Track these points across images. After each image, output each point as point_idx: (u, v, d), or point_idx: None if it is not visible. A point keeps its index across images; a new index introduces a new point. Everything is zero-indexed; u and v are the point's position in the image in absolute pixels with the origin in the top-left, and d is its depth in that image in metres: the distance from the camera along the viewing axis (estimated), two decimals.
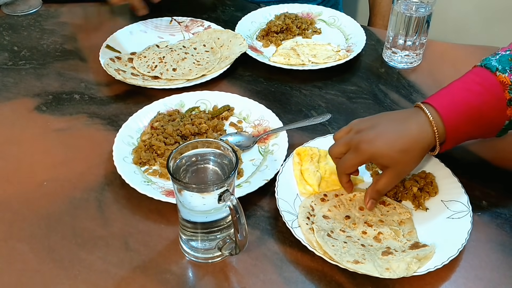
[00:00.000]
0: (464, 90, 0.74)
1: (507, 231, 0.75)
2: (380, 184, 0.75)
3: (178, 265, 0.71)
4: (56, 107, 0.98)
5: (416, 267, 0.67)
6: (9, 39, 1.17)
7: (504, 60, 0.75)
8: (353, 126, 0.76)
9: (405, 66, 1.09)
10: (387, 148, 0.72)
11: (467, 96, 0.73)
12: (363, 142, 0.72)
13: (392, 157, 0.72)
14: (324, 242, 0.69)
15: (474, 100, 0.73)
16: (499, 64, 0.74)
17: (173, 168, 0.66)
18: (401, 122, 0.74)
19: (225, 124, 0.93)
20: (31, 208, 0.78)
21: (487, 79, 0.74)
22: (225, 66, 1.05)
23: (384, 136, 0.72)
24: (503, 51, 0.76)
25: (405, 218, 0.76)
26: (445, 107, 0.73)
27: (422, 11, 1.02)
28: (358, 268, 0.66)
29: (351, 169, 0.75)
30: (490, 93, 0.73)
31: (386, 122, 0.75)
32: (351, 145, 0.74)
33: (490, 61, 0.75)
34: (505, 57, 0.75)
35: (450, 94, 0.75)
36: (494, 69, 0.74)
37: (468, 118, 0.73)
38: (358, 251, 0.69)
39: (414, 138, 0.72)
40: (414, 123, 0.73)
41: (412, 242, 0.72)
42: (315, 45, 1.13)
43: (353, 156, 0.73)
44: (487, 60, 0.76)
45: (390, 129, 0.73)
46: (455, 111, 0.73)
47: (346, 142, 0.74)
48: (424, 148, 0.74)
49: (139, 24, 1.18)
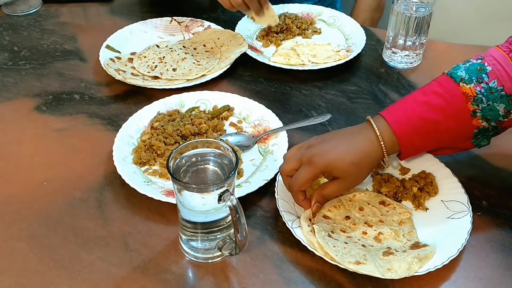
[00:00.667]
0: (423, 103, 0.73)
1: (507, 231, 0.75)
2: (327, 191, 0.74)
3: (178, 265, 0.71)
4: (56, 107, 0.98)
5: (417, 267, 0.67)
6: (9, 39, 1.17)
7: (473, 69, 0.73)
8: (303, 144, 0.75)
9: (405, 66, 1.09)
10: (339, 160, 0.72)
11: (425, 110, 0.73)
12: (315, 155, 0.71)
13: (344, 169, 0.72)
14: (325, 243, 0.69)
15: (431, 113, 0.73)
16: (466, 73, 0.73)
17: (173, 168, 0.66)
18: (351, 136, 0.74)
19: (225, 124, 0.93)
20: (31, 208, 0.78)
21: (449, 89, 0.73)
22: (225, 66, 1.05)
23: (336, 149, 0.72)
24: (475, 59, 0.75)
25: (405, 218, 0.76)
26: (397, 121, 0.73)
27: (422, 11, 1.02)
28: (359, 268, 0.66)
29: (306, 184, 0.73)
30: (451, 106, 0.73)
31: (337, 137, 0.75)
32: (302, 160, 0.72)
33: (457, 70, 0.74)
34: (474, 65, 0.74)
35: (406, 107, 0.74)
36: (458, 79, 0.73)
37: (424, 132, 0.73)
38: (359, 251, 0.69)
39: (363, 151, 0.73)
40: (362, 137, 0.74)
41: (412, 242, 0.72)
42: (315, 45, 1.13)
43: (306, 170, 0.72)
44: (455, 68, 0.75)
45: (341, 142, 0.73)
46: (408, 125, 0.73)
47: (298, 158, 0.73)
48: (373, 161, 0.74)
49: (139, 24, 1.18)
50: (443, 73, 0.77)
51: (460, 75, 0.73)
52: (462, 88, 0.72)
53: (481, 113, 0.72)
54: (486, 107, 0.72)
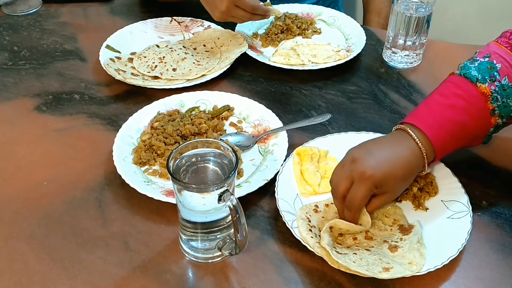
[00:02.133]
0: (448, 106, 0.74)
1: (507, 231, 0.75)
2: (373, 206, 0.73)
3: (178, 265, 0.71)
4: (56, 107, 0.98)
5: (424, 250, 0.69)
6: (9, 39, 1.17)
7: (484, 69, 0.75)
8: (345, 160, 0.72)
9: (405, 66, 1.09)
10: (391, 176, 0.70)
11: (452, 113, 0.73)
12: (367, 170, 0.69)
13: (395, 184, 0.72)
14: (344, 261, 0.66)
15: (458, 116, 0.73)
16: (478, 73, 0.74)
17: (173, 168, 0.66)
18: (393, 149, 0.73)
19: (225, 124, 0.93)
20: (31, 208, 0.78)
21: (469, 91, 0.74)
22: (225, 66, 1.05)
23: (385, 163, 0.70)
24: (481, 57, 0.76)
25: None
26: (431, 128, 0.73)
27: (422, 11, 1.02)
28: (393, 274, 0.65)
29: (364, 201, 0.70)
30: (473, 106, 0.74)
31: (380, 148, 0.72)
32: (354, 177, 0.69)
33: (470, 70, 0.75)
34: (484, 65, 0.75)
35: (434, 112, 0.74)
36: (474, 79, 0.74)
37: (454, 134, 0.74)
38: (373, 256, 0.69)
39: (410, 164, 0.72)
40: (405, 148, 0.72)
41: (396, 226, 0.74)
42: (315, 45, 1.13)
43: (362, 187, 0.69)
44: (466, 68, 0.76)
45: (387, 155, 0.71)
46: (442, 131, 0.73)
47: (347, 176, 0.70)
48: (416, 172, 0.75)
49: (139, 24, 1.18)
50: (452, 74, 0.77)
51: (474, 75, 0.74)
52: (480, 88, 0.74)
53: (498, 111, 0.74)
54: (501, 104, 0.74)
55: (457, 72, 0.77)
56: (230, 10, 1.01)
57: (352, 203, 0.70)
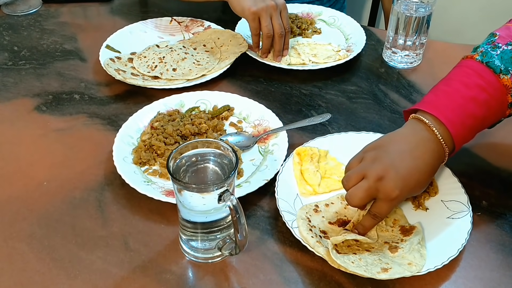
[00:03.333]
0: (470, 99, 0.71)
1: (507, 231, 0.75)
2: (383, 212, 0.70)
3: (178, 265, 0.71)
4: (56, 107, 0.98)
5: (424, 251, 0.68)
6: (9, 39, 1.17)
7: (507, 59, 0.72)
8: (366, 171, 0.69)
9: (405, 66, 1.09)
10: (416, 189, 0.71)
11: (473, 107, 0.71)
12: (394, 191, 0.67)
13: (416, 193, 0.72)
14: (343, 262, 0.67)
15: (479, 111, 0.71)
16: (502, 63, 0.72)
17: (173, 168, 0.66)
18: (417, 152, 0.70)
19: (225, 124, 0.93)
20: (31, 208, 0.78)
21: (491, 82, 0.71)
22: (225, 66, 1.05)
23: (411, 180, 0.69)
24: (504, 44, 0.73)
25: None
26: (455, 126, 0.70)
27: (422, 11, 1.02)
28: (392, 275, 0.65)
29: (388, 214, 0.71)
30: (494, 99, 0.72)
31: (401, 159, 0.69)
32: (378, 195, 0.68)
33: (493, 59, 0.72)
34: (507, 54, 0.72)
35: (456, 105, 0.71)
36: (498, 70, 0.71)
37: (472, 130, 0.73)
38: (372, 257, 0.69)
39: (434, 169, 0.71)
40: (431, 155, 0.70)
41: (398, 227, 0.73)
42: (315, 44, 1.13)
43: (385, 204, 0.68)
44: (488, 55, 0.73)
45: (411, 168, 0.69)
46: (463, 128, 0.71)
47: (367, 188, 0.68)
48: (435, 171, 0.73)
49: (139, 24, 1.18)
50: (470, 58, 0.74)
51: (498, 65, 0.72)
52: (503, 80, 0.71)
53: None
54: None
55: (477, 58, 0.73)
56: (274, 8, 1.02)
57: (377, 216, 0.70)
